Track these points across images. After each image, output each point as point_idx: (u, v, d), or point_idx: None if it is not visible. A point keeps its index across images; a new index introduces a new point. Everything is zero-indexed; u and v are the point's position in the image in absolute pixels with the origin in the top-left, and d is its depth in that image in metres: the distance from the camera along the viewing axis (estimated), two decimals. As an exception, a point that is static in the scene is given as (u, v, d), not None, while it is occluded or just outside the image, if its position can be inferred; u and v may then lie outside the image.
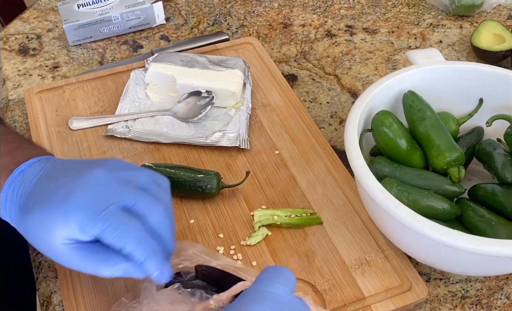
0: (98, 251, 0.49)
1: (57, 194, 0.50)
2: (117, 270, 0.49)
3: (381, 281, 0.60)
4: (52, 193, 0.51)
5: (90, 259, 0.49)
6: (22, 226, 0.52)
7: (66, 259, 0.50)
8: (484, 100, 0.69)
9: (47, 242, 0.50)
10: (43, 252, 0.52)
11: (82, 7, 0.97)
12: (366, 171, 0.57)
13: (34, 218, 0.50)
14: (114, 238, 0.48)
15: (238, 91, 0.78)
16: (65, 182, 0.51)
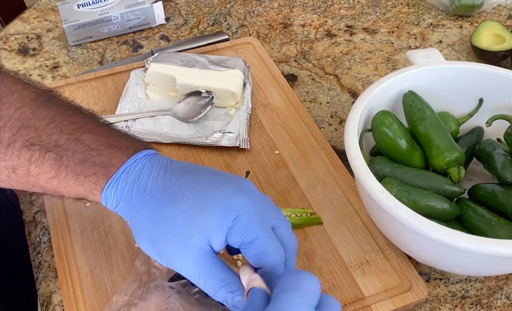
0: (225, 268, 0.46)
1: (218, 188, 0.46)
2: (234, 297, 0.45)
3: (381, 281, 0.60)
4: (208, 186, 0.47)
5: (220, 270, 0.46)
6: (156, 211, 0.46)
7: (195, 264, 0.45)
8: (484, 100, 0.69)
9: (185, 239, 0.45)
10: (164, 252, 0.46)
11: (82, 7, 0.97)
12: (366, 171, 0.57)
13: (183, 208, 0.46)
14: (260, 252, 0.45)
15: (238, 91, 0.78)
16: (223, 181, 0.47)
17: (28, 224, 0.69)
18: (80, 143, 0.48)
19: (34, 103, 0.49)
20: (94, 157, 0.48)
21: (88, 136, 0.49)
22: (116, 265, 0.61)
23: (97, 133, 0.49)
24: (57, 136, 0.48)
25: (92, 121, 0.51)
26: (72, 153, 0.48)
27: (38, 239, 0.67)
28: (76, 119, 0.50)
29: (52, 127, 0.48)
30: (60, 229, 0.65)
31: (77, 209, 0.67)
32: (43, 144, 0.48)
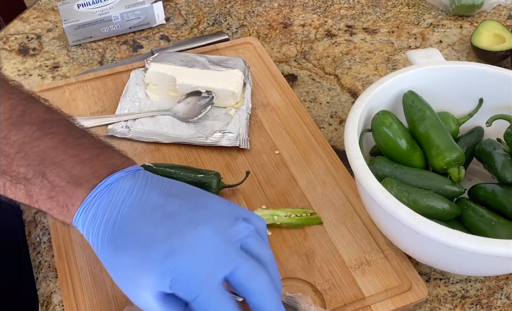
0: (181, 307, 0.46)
1: (155, 247, 0.45)
2: None
3: (381, 281, 0.60)
4: (148, 241, 0.46)
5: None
6: (106, 259, 0.48)
7: (149, 306, 0.46)
8: (484, 100, 0.69)
9: (134, 288, 0.46)
10: (124, 291, 0.48)
11: (82, 7, 0.97)
12: (366, 171, 0.57)
13: (126, 262, 0.46)
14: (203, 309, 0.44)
15: (238, 91, 0.78)
16: (165, 235, 0.46)
17: (28, 224, 0.69)
18: (44, 179, 0.48)
19: (6, 123, 0.49)
20: (58, 194, 0.49)
21: (52, 171, 0.49)
22: (116, 265, 0.61)
23: (60, 165, 0.49)
24: (24, 169, 0.49)
25: (59, 145, 0.50)
26: (39, 189, 0.49)
27: (38, 239, 0.67)
28: (43, 147, 0.49)
29: (20, 157, 0.49)
30: (60, 229, 0.65)
31: (77, 209, 0.67)
32: (13, 175, 0.49)
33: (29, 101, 0.51)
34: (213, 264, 0.45)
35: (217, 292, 0.45)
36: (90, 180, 0.48)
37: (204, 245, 0.45)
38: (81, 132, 0.52)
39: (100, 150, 0.51)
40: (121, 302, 0.58)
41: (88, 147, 0.50)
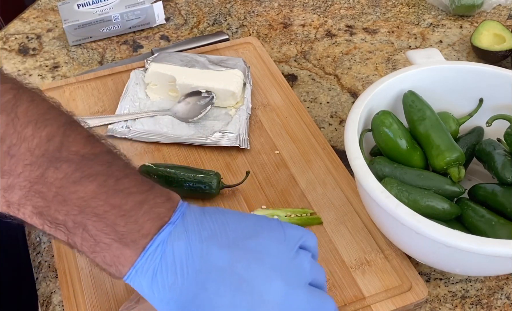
0: None
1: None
2: None
3: (381, 281, 0.60)
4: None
5: None
6: None
7: None
8: (484, 100, 0.69)
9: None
10: None
11: (82, 7, 0.97)
12: (366, 171, 0.57)
13: None
14: None
15: (238, 91, 0.78)
16: (246, 304, 0.44)
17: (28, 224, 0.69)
18: (86, 232, 0.44)
19: (42, 159, 0.44)
20: (103, 251, 0.44)
21: (94, 224, 0.44)
22: (116, 265, 0.61)
23: (102, 218, 0.44)
24: (63, 217, 0.45)
25: (100, 191, 0.45)
26: (81, 241, 0.45)
27: (38, 239, 0.67)
28: (82, 194, 0.44)
29: (58, 202, 0.44)
30: (60, 229, 0.65)
31: (77, 209, 0.67)
32: (52, 219, 0.45)
33: (67, 129, 0.46)
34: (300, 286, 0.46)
35: None
36: (137, 239, 0.44)
37: (283, 303, 0.45)
38: (122, 169, 0.47)
39: (143, 196, 0.46)
40: (121, 302, 0.58)
41: (130, 193, 0.45)
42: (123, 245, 0.44)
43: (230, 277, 0.44)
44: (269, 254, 0.46)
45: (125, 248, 0.44)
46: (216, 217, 0.47)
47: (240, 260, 0.45)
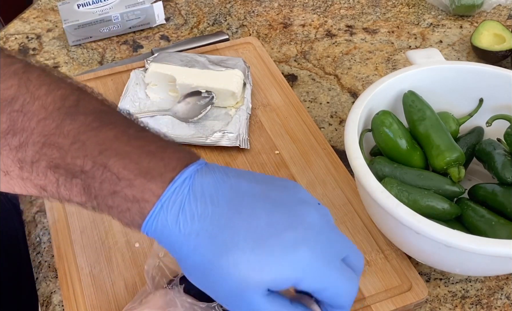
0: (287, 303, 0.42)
1: (278, 236, 0.40)
2: None
3: (381, 281, 0.60)
4: (267, 232, 0.41)
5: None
6: (205, 261, 0.41)
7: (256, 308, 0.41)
8: (484, 100, 0.69)
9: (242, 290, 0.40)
10: (220, 296, 0.42)
11: (82, 7, 0.97)
12: (366, 171, 0.57)
13: (238, 259, 0.40)
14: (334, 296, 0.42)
15: (238, 91, 0.78)
16: (286, 222, 0.41)
17: (28, 224, 0.69)
18: (107, 171, 0.42)
19: (58, 113, 0.43)
20: (125, 188, 0.42)
21: (116, 162, 0.42)
22: (116, 265, 0.61)
23: (125, 156, 0.42)
24: (81, 160, 0.42)
25: (121, 136, 0.43)
26: (99, 183, 0.42)
27: (38, 239, 0.67)
28: (103, 137, 0.43)
29: (76, 148, 0.42)
30: (60, 229, 0.65)
31: (77, 209, 0.67)
32: (68, 168, 0.42)
33: (81, 92, 0.45)
34: (333, 239, 0.43)
35: (344, 271, 0.42)
36: (163, 173, 0.41)
37: (319, 230, 0.42)
38: (141, 125, 0.45)
39: (165, 144, 0.44)
40: (121, 302, 0.58)
41: (152, 141, 0.44)
42: (148, 179, 0.41)
43: (265, 201, 0.42)
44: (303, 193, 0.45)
45: (150, 182, 0.41)
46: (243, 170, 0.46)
47: (273, 189, 0.43)
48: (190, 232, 0.41)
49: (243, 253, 0.40)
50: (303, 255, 0.40)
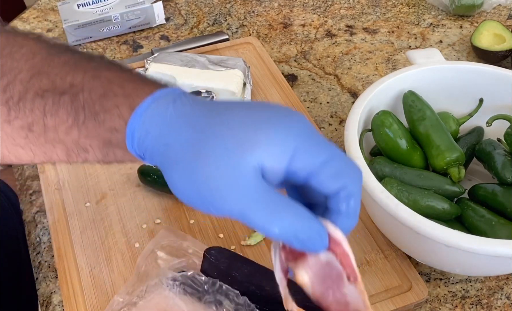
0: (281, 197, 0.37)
1: (264, 121, 0.38)
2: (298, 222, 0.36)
3: (381, 281, 0.60)
4: (253, 117, 0.38)
5: (274, 199, 0.37)
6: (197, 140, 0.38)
7: (247, 192, 0.36)
8: (484, 100, 0.69)
9: (232, 170, 0.36)
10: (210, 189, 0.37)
11: (82, 7, 0.97)
12: (366, 171, 0.57)
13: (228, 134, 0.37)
14: (335, 173, 0.38)
15: (238, 91, 0.78)
16: (275, 113, 0.39)
17: (28, 224, 0.69)
18: (98, 79, 0.41)
19: (47, 52, 0.43)
20: (115, 89, 0.40)
21: (108, 73, 0.41)
22: (116, 265, 0.61)
23: (117, 70, 0.42)
24: (71, 76, 0.41)
25: (112, 63, 0.43)
26: (89, 91, 0.41)
27: (38, 239, 0.67)
28: (95, 62, 0.43)
29: (67, 70, 0.42)
30: (60, 229, 0.65)
31: (77, 209, 0.67)
32: (57, 88, 0.41)
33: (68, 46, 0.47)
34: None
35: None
36: (155, 82, 0.41)
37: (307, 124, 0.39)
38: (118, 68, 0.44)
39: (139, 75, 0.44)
40: (121, 302, 0.58)
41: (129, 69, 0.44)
42: (141, 82, 0.41)
43: (250, 104, 0.40)
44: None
45: (143, 84, 0.41)
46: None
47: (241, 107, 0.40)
48: (182, 114, 0.39)
49: (237, 116, 0.38)
50: (300, 121, 0.38)
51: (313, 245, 0.37)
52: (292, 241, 0.37)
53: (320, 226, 0.38)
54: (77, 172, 0.71)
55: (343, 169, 0.38)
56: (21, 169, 0.75)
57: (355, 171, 0.39)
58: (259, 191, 0.36)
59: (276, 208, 0.36)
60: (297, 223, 0.36)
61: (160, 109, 0.39)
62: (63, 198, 0.68)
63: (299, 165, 0.37)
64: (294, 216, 0.37)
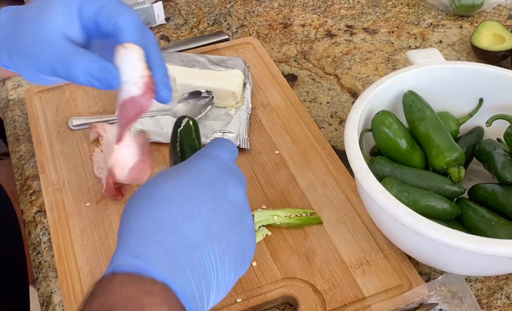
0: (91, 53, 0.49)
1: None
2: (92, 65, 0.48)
3: (381, 281, 0.60)
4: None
5: (73, 52, 0.48)
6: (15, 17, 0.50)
7: (51, 50, 0.48)
8: (484, 100, 0.69)
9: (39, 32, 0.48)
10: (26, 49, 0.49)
11: (82, 7, 0.97)
12: (366, 171, 0.57)
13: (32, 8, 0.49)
14: (112, 12, 0.48)
15: (238, 91, 0.78)
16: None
17: (28, 224, 0.69)
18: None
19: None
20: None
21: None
22: (116, 265, 0.61)
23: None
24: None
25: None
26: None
27: (38, 239, 0.67)
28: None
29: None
30: (60, 229, 0.65)
31: (77, 209, 0.67)
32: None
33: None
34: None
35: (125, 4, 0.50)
36: None
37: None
38: None
39: None
40: (121, 302, 0.58)
41: None
42: None
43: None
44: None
45: None
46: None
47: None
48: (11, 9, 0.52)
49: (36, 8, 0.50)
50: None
51: (107, 80, 0.49)
52: (93, 82, 0.48)
53: (111, 66, 0.48)
54: (77, 171, 0.71)
55: (116, 10, 0.49)
56: (21, 169, 0.75)
57: (128, 12, 0.49)
58: (61, 48, 0.48)
59: (73, 58, 0.47)
60: (91, 66, 0.47)
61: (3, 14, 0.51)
62: (63, 198, 0.68)
63: (85, 15, 0.49)
64: (88, 61, 0.47)
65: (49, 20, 0.48)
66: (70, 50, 0.48)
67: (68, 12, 0.48)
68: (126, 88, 0.49)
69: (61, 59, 0.48)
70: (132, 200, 0.44)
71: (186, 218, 0.42)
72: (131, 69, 0.48)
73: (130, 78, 0.49)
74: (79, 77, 0.47)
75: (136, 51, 0.48)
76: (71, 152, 0.74)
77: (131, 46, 0.48)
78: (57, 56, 0.48)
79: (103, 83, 0.48)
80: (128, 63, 0.48)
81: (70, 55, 0.47)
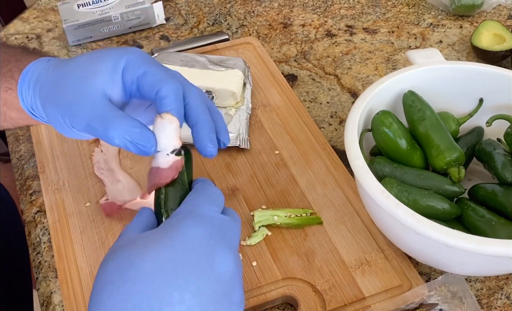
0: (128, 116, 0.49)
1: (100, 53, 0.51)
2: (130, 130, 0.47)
3: (381, 281, 0.60)
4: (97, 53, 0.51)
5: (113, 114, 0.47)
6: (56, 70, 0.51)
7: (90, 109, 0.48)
8: (484, 100, 0.69)
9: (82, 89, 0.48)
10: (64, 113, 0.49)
11: (82, 7, 0.97)
12: (366, 171, 0.57)
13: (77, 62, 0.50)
14: (155, 80, 0.48)
15: (238, 91, 0.78)
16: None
17: (28, 224, 0.69)
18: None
19: None
20: (10, 58, 0.54)
21: (6, 49, 0.55)
22: (116, 265, 0.61)
23: (16, 48, 0.57)
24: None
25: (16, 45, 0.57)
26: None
27: (38, 239, 0.67)
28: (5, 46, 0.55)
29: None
30: (60, 229, 0.65)
31: (77, 209, 0.67)
32: None
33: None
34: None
35: (167, 69, 0.51)
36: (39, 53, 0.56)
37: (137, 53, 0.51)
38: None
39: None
40: (121, 302, 0.58)
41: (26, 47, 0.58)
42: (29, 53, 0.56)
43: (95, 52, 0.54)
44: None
45: (31, 54, 0.55)
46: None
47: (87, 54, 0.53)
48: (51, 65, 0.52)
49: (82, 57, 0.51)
50: (129, 51, 0.51)
51: (144, 147, 0.47)
52: (128, 146, 0.47)
53: (150, 134, 0.48)
54: (77, 171, 0.71)
55: (159, 79, 0.49)
56: (21, 169, 0.75)
57: (171, 81, 0.49)
58: (101, 108, 0.47)
59: (113, 120, 0.47)
60: (130, 131, 0.47)
61: (37, 66, 0.53)
62: (63, 198, 0.68)
63: (127, 78, 0.49)
64: (128, 126, 0.47)
65: (95, 79, 0.48)
66: (111, 112, 0.47)
67: (113, 74, 0.49)
68: (156, 157, 0.49)
69: (100, 120, 0.47)
70: (105, 273, 0.41)
71: (165, 304, 0.38)
72: (165, 139, 0.49)
73: (162, 149, 0.49)
74: (115, 139, 0.47)
75: (173, 122, 0.49)
76: (71, 152, 0.74)
77: (168, 117, 0.48)
78: (97, 116, 0.47)
79: (139, 149, 0.47)
80: (163, 133, 0.49)
81: (111, 117, 0.47)
